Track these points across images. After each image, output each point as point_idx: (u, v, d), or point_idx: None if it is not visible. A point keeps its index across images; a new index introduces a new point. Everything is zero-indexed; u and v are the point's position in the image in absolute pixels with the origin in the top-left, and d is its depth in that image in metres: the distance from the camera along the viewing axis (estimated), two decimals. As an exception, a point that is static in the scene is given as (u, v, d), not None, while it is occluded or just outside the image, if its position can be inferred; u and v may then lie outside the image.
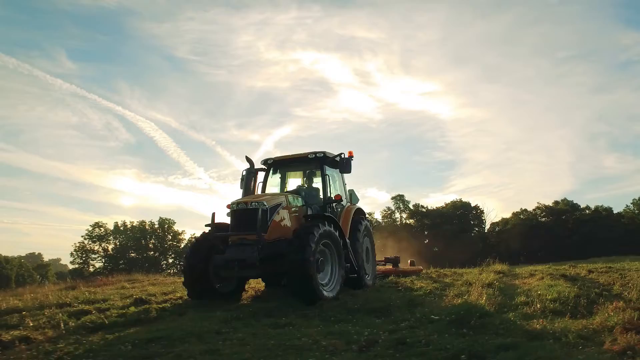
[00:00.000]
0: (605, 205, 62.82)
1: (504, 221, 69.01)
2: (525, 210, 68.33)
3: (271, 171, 10.05)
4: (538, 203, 68.03)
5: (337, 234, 8.10)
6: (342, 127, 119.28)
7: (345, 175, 9.96)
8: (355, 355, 4.18)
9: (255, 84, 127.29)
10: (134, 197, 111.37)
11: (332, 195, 9.30)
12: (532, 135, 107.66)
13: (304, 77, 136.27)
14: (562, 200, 66.28)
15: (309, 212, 8.76)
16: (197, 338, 5.08)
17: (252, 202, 7.78)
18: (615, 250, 41.15)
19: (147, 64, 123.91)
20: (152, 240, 75.70)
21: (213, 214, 8.15)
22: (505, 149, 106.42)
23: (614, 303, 5.96)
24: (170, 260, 76.51)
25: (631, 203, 62.63)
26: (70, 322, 6.36)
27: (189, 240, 76.64)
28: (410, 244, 51.41)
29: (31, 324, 6.21)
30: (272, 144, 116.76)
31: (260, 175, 9.94)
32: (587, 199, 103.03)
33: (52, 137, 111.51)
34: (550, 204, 66.48)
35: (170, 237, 77.40)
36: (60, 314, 6.80)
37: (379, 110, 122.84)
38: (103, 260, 71.25)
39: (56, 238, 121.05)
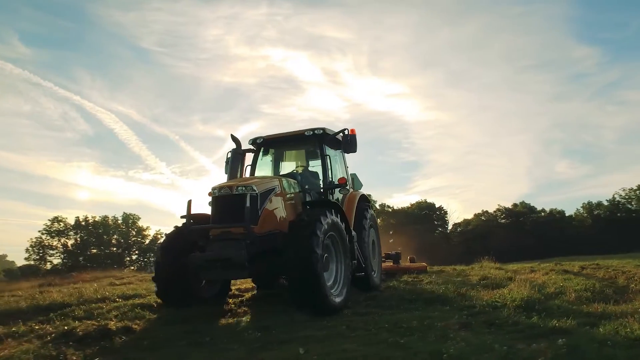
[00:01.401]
0: (559, 208, 67.28)
1: (466, 222, 72.29)
2: (487, 211, 71.95)
3: (261, 152, 8.63)
4: (498, 205, 71.76)
5: (343, 225, 6.94)
6: (310, 125, 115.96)
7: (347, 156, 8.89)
8: (472, 333, 4.72)
9: (223, 79, 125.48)
10: (91, 191, 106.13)
11: (334, 179, 8.04)
12: (493, 139, 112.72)
13: (272, 74, 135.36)
14: (520, 202, 70.29)
15: (308, 199, 7.45)
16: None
17: (238, 187, 6.36)
18: (568, 251, 44.25)
19: (110, 53, 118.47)
20: (115, 236, 73.44)
21: (189, 202, 6.69)
22: (467, 152, 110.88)
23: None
24: (134, 257, 74.57)
25: (581, 207, 67.36)
26: (147, 314, 6.47)
27: (154, 236, 74.99)
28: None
29: (113, 315, 6.33)
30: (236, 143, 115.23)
31: (248, 159, 8.64)
32: (542, 202, 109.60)
33: (1, 125, 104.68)
34: (510, 206, 70.39)
35: (134, 232, 75.44)
36: (125, 306, 6.89)
37: (346, 109, 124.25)
38: (62, 256, 68.30)
39: (2, 233, 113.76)
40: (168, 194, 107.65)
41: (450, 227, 75.27)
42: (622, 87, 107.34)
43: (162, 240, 7.28)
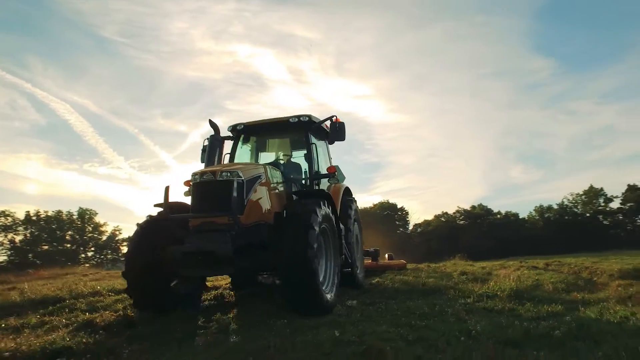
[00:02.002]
0: (513, 210, 70.95)
1: (426, 223, 74.75)
2: (447, 213, 74.70)
3: (241, 140, 8.09)
4: (458, 207, 74.66)
5: (334, 218, 6.59)
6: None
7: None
8: (482, 317, 5.17)
9: (187, 73, 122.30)
10: (41, 184, 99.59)
11: (320, 170, 7.69)
12: (452, 143, 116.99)
13: (238, 70, 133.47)
14: (478, 205, 73.48)
15: (294, 190, 7.08)
16: None
17: (222, 172, 5.80)
18: (524, 252, 46.83)
19: (67, 41, 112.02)
20: (70, 232, 70.25)
21: (167, 189, 5.92)
22: (428, 155, 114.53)
23: (616, 282, 7.77)
24: (90, 254, 71.62)
25: (534, 210, 71.36)
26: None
27: (112, 232, 72.24)
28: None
29: (121, 307, 6.33)
30: (200, 136, 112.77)
31: (227, 147, 8.01)
32: (498, 205, 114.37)
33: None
34: (468, 208, 73.45)
35: (90, 228, 72.49)
36: (126, 299, 6.80)
37: (311, 109, 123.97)
38: (8, 253, 64.48)
39: None
40: (126, 189, 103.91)
41: (411, 227, 77.68)
42: (572, 97, 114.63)
43: (134, 231, 6.12)
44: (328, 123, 7.60)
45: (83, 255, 70.00)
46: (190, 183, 6.14)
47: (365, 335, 4.04)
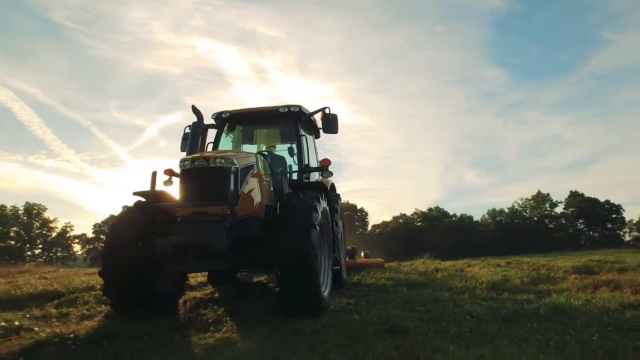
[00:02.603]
0: (468, 213, 74.45)
1: (384, 224, 76.87)
2: (404, 214, 77.14)
3: (225, 129, 7.60)
4: (415, 209, 77.32)
5: (328, 213, 6.32)
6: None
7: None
8: (472, 304, 5.84)
9: (145, 65, 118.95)
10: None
11: (310, 163, 7.46)
12: (410, 146, 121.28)
13: (198, 65, 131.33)
14: (435, 207, 76.46)
15: (286, 183, 6.45)
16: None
17: (216, 158, 5.34)
18: (478, 253, 49.33)
19: (12, 22, 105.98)
20: (15, 228, 66.23)
21: (154, 174, 5.54)
22: (386, 157, 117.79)
23: (572, 276, 8.78)
24: (37, 251, 67.84)
25: (486, 213, 75.24)
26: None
27: (62, 229, 68.74)
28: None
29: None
30: (157, 130, 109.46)
31: (210, 137, 7.56)
32: (453, 207, 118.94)
33: None
34: (425, 210, 76.23)
35: (38, 224, 68.65)
36: None
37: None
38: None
39: None
40: (76, 184, 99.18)
41: (370, 228, 79.56)
42: (524, 107, 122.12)
43: (111, 222, 5.59)
44: (317, 116, 7.37)
45: (29, 253, 66.33)
46: (171, 171, 6.01)
47: (382, 317, 4.55)
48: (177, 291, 6.25)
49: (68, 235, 70.28)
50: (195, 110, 6.94)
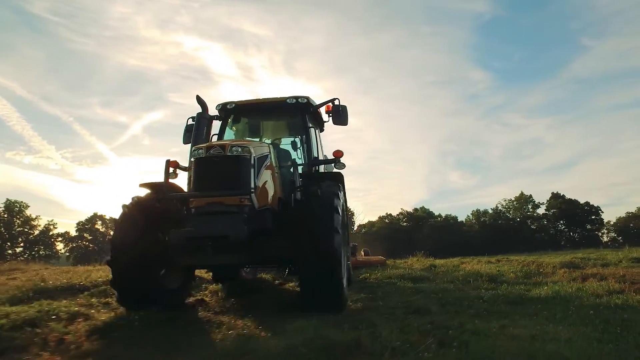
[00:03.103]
0: (452, 214, 75.95)
1: (370, 224, 77.80)
2: (390, 214, 78.23)
3: (230, 121, 7.30)
4: (401, 209, 78.48)
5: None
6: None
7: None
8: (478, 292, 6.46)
9: (128, 61, 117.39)
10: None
11: (319, 156, 7.24)
12: (396, 147, 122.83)
13: (184, 62, 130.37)
14: (420, 207, 77.75)
15: (297, 175, 6.22)
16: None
17: (232, 147, 5.12)
18: (463, 252, 50.45)
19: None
20: (-5, 226, 65.06)
21: (167, 163, 5.48)
22: (371, 157, 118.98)
23: (561, 270, 9.48)
24: (19, 250, 66.65)
25: (471, 214, 76.83)
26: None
27: (45, 227, 67.60)
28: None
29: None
30: (141, 127, 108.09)
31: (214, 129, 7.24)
32: (438, 208, 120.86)
33: None
34: (411, 211, 77.47)
35: (19, 222, 67.47)
36: None
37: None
38: None
39: None
40: (56, 181, 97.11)
41: (355, 228, 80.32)
42: (507, 110, 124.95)
43: (121, 213, 5.29)
44: (323, 109, 7.14)
45: (10, 251, 65.09)
46: (176, 163, 5.80)
47: (404, 303, 5.07)
48: (185, 288, 5.90)
49: (51, 233, 69.22)
50: (199, 100, 6.63)
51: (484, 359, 2.92)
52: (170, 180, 5.64)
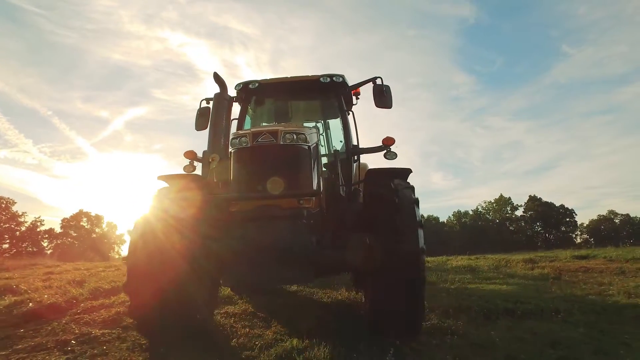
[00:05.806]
0: (434, 215, 78.39)
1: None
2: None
3: (253, 102, 6.18)
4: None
5: None
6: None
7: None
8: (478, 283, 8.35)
9: (112, 55, 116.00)
10: None
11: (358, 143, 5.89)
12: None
13: (168, 58, 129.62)
14: (404, 209, 79.82)
15: (339, 167, 5.16)
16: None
17: (286, 133, 4.08)
18: (447, 252, 52.60)
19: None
20: (-22, 222, 64.50)
21: (206, 153, 4.90)
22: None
23: (520, 263, 11.42)
24: (5, 246, 66.27)
25: (452, 215, 79.40)
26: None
27: (32, 223, 67.39)
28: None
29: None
30: (123, 123, 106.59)
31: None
32: (420, 208, 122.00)
33: None
34: (394, 211, 79.50)
35: (5, 218, 67.08)
36: None
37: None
38: None
39: None
40: (33, 176, 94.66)
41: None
42: (488, 113, 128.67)
43: (141, 217, 4.17)
44: (373, 84, 5.94)
45: (-5, 248, 64.83)
46: (193, 154, 5.01)
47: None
48: (211, 304, 4.96)
49: (38, 230, 69.04)
50: (217, 78, 5.47)
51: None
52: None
